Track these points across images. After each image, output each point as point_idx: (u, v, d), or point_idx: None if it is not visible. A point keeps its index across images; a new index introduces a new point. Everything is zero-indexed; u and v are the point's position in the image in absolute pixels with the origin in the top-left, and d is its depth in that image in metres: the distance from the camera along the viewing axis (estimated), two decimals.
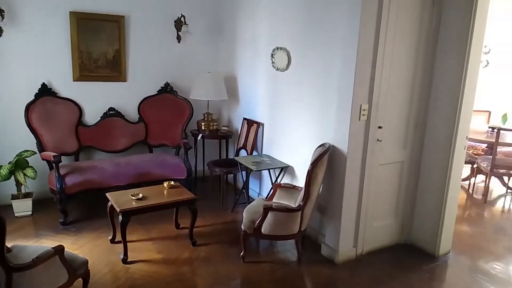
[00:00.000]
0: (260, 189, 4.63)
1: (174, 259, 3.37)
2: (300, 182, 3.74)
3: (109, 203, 3.41)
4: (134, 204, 3.28)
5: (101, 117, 4.64)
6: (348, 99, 3.09)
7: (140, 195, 3.39)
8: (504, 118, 6.21)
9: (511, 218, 4.63)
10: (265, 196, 4.16)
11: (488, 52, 6.35)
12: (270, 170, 4.20)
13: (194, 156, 5.12)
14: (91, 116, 4.62)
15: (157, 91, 4.94)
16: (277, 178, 4.14)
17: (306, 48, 3.70)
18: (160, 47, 4.91)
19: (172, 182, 3.66)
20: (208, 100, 4.94)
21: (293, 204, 3.39)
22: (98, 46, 4.55)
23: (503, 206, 5.00)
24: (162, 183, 3.67)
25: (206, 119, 4.96)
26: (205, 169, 5.17)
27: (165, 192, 3.56)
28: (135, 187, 3.73)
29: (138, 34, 4.76)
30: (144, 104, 4.84)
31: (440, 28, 3.32)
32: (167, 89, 4.97)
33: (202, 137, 4.88)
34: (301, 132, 3.86)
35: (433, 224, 3.52)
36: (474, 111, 4.05)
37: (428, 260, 3.51)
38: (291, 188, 3.66)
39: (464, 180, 5.28)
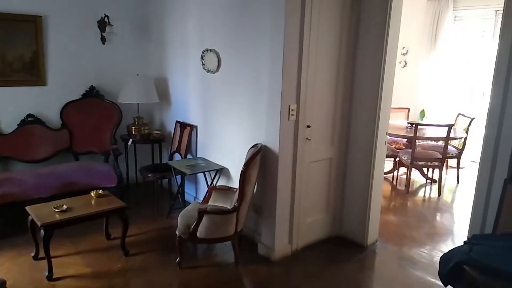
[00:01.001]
0: (197, 192, 4.57)
1: (105, 271, 3.21)
2: (236, 183, 3.73)
3: (30, 217, 3.17)
4: (57, 217, 3.07)
5: (18, 124, 4.28)
6: (277, 99, 3.16)
7: (64, 207, 3.18)
8: (422, 114, 6.74)
9: (431, 206, 5.02)
10: (202, 199, 4.11)
11: (406, 53, 6.85)
12: (206, 173, 4.16)
13: (125, 162, 4.91)
14: (7, 124, 4.24)
15: (82, 95, 4.66)
16: (212, 180, 4.11)
17: (235, 49, 3.71)
18: (83, 49, 4.64)
19: (100, 191, 3.49)
20: (138, 104, 4.77)
21: (229, 206, 3.38)
22: (13, 49, 4.20)
23: (424, 196, 5.40)
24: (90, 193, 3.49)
25: (136, 123, 4.79)
26: (137, 175, 4.99)
27: (92, 202, 3.38)
28: (60, 199, 3.48)
29: (58, 35, 4.45)
30: (68, 109, 4.54)
31: (359, 31, 3.51)
32: (92, 93, 4.71)
33: (133, 142, 4.70)
34: (234, 133, 3.87)
35: (360, 216, 3.72)
36: (395, 108, 4.36)
37: (358, 250, 3.69)
38: (227, 190, 3.65)
39: (388, 173, 5.65)
